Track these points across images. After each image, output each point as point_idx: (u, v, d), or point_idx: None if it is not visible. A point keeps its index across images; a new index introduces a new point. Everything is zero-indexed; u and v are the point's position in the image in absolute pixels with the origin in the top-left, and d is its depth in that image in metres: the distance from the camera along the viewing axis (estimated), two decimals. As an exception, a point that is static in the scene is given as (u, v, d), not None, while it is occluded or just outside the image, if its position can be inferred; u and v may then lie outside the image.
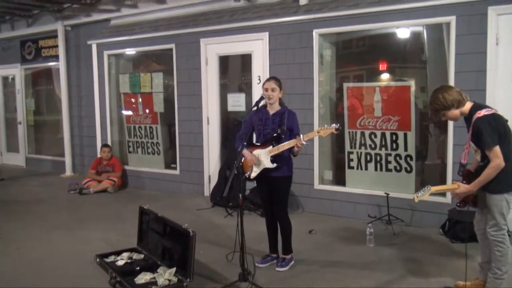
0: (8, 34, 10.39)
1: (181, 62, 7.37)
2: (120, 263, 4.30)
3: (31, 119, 10.67)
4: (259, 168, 4.15)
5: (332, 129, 3.90)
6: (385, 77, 6.10)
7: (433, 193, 3.51)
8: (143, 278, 3.91)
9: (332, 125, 3.91)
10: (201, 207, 6.57)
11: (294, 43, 6.19)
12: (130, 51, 8.30)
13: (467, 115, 3.44)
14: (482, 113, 3.32)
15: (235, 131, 6.18)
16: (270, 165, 4.09)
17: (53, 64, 9.77)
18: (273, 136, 4.12)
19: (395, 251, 4.69)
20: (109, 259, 4.37)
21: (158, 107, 7.87)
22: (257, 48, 6.55)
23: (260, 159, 4.13)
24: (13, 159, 10.99)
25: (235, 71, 7.55)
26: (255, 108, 4.18)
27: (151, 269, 4.06)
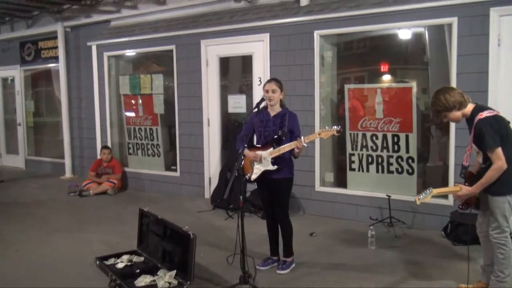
0: (7, 35, 10.37)
1: (181, 63, 7.35)
2: (120, 265, 4.29)
3: (31, 121, 10.65)
4: (261, 166, 4.12)
5: (333, 131, 3.89)
6: (387, 78, 6.09)
7: (435, 195, 3.52)
8: (143, 280, 3.90)
9: (333, 127, 3.90)
10: (201, 209, 6.55)
11: (295, 44, 6.17)
12: (130, 53, 8.29)
13: (469, 117, 3.43)
14: (484, 114, 3.31)
15: (235, 133, 6.16)
16: (271, 167, 4.07)
17: (52, 65, 9.75)
18: (274, 138, 4.10)
19: (397, 254, 4.67)
20: (109, 262, 4.36)
21: (158, 108, 7.85)
22: (258, 49, 6.54)
23: (261, 159, 4.11)
24: (12, 161, 10.97)
25: (235, 72, 7.54)
26: (255, 109, 4.16)
27: (151, 271, 4.05)
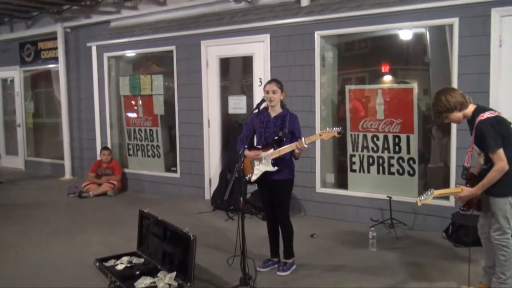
0: (7, 36, 10.37)
1: (181, 64, 7.34)
2: (119, 267, 4.28)
3: (30, 122, 10.63)
4: (262, 167, 4.11)
5: (334, 132, 3.88)
6: (388, 79, 6.09)
7: (436, 196, 3.51)
8: (143, 282, 3.88)
9: (334, 128, 3.89)
10: (201, 211, 6.53)
11: (295, 45, 6.16)
12: (130, 53, 8.27)
13: (470, 118, 3.42)
14: (485, 115, 3.30)
15: (236, 134, 6.15)
16: (271, 168, 4.06)
17: (52, 66, 9.75)
18: (274, 139, 4.08)
19: (398, 255, 4.65)
20: (108, 263, 4.34)
21: (158, 109, 7.83)
22: (258, 50, 6.52)
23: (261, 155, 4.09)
24: (12, 162, 10.95)
25: (236, 73, 7.52)
26: (256, 110, 4.14)
27: (151, 273, 4.04)
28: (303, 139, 3.89)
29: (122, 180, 8.08)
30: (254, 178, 4.17)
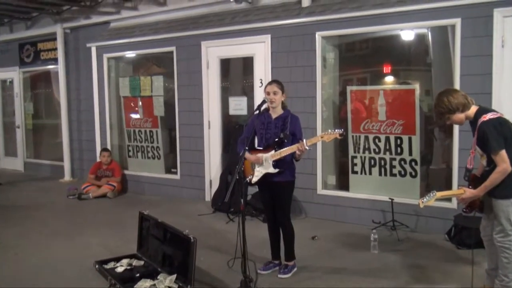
0: (6, 36, 10.35)
1: (181, 65, 7.31)
2: (119, 269, 4.26)
3: (30, 123, 10.61)
4: (262, 169, 4.08)
5: (336, 134, 3.86)
6: (389, 80, 6.08)
7: (439, 198, 3.48)
8: (143, 285, 3.87)
9: (336, 130, 3.87)
10: (202, 213, 6.51)
11: (296, 45, 6.14)
12: (130, 54, 8.26)
13: (472, 119, 3.41)
14: (487, 117, 3.29)
15: (236, 135, 6.11)
16: (272, 170, 4.03)
17: (52, 67, 9.73)
18: (275, 140, 4.06)
19: (400, 258, 4.63)
20: (108, 266, 4.32)
21: (158, 110, 7.81)
22: (259, 51, 6.50)
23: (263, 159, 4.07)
24: (11, 164, 10.93)
25: (236, 74, 7.50)
26: (257, 111, 4.12)
27: (151, 276, 4.02)
28: (304, 141, 3.86)
29: (122, 181, 8.06)
30: (255, 180, 4.14)
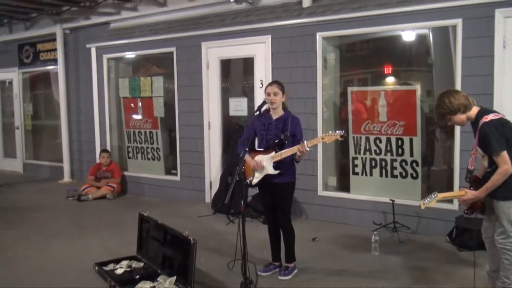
0: (6, 37, 10.34)
1: (181, 65, 7.30)
2: (119, 271, 4.25)
3: (29, 124, 10.60)
4: (262, 173, 4.06)
5: (336, 135, 3.85)
6: (390, 81, 6.07)
7: (440, 200, 3.48)
8: (143, 287, 3.86)
9: (336, 132, 3.86)
10: (202, 214, 6.49)
11: (297, 46, 6.12)
12: (130, 55, 8.24)
13: (473, 120, 3.41)
14: (489, 118, 3.28)
15: (237, 136, 6.09)
16: (272, 171, 4.02)
17: (51, 68, 9.73)
18: (276, 141, 4.04)
19: (401, 259, 4.61)
20: (108, 267, 4.31)
21: (158, 111, 7.79)
22: (259, 51, 6.48)
23: (262, 164, 4.05)
24: (10, 165, 10.91)
25: (237, 75, 7.49)
26: (257, 112, 4.10)
27: (151, 277, 4.01)
28: (305, 142, 3.83)
29: (121, 183, 8.04)
30: (255, 181, 4.14)
